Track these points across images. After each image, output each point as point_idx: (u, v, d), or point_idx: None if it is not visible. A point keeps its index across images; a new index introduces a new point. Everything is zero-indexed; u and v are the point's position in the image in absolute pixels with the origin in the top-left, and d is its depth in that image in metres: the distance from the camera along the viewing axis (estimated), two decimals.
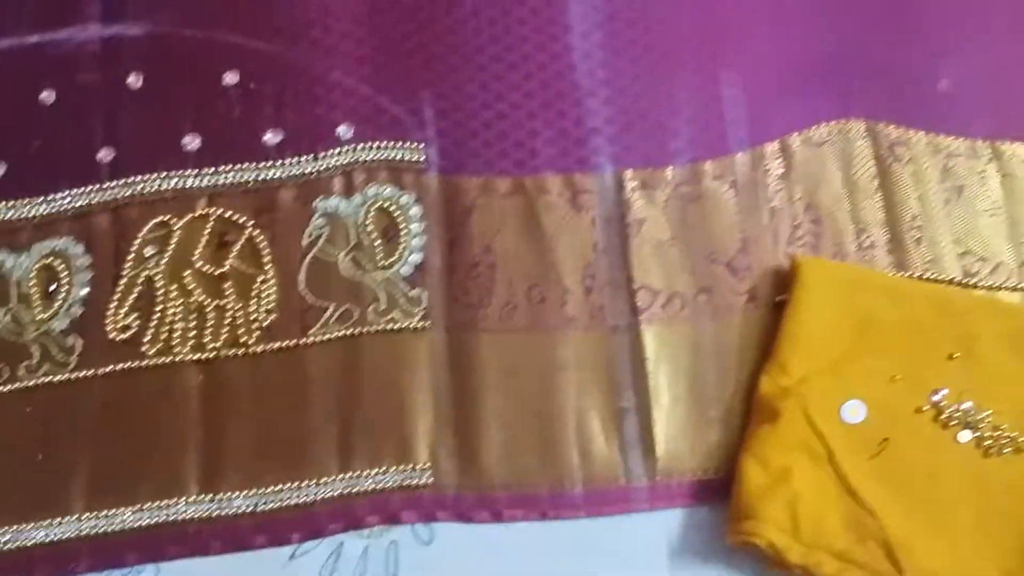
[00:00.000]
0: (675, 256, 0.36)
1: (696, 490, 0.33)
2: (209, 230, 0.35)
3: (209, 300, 0.34)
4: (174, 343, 0.33)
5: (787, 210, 0.36)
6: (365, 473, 0.32)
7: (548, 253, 0.35)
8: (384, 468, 0.32)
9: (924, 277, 0.36)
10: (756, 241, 0.36)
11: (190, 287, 0.34)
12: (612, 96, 0.37)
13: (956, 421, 0.33)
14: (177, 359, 0.33)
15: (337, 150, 0.36)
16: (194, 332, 0.33)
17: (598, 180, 0.36)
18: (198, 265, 0.34)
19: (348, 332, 0.34)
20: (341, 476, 0.32)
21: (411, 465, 0.32)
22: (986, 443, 0.33)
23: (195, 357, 0.33)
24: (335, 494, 0.31)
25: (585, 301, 0.35)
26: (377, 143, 0.36)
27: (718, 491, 0.32)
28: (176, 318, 0.34)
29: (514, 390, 0.33)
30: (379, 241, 0.35)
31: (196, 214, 0.35)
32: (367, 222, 0.35)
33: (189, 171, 0.35)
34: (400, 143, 0.36)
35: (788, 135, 0.37)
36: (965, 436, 0.33)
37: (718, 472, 0.33)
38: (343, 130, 0.36)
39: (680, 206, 0.36)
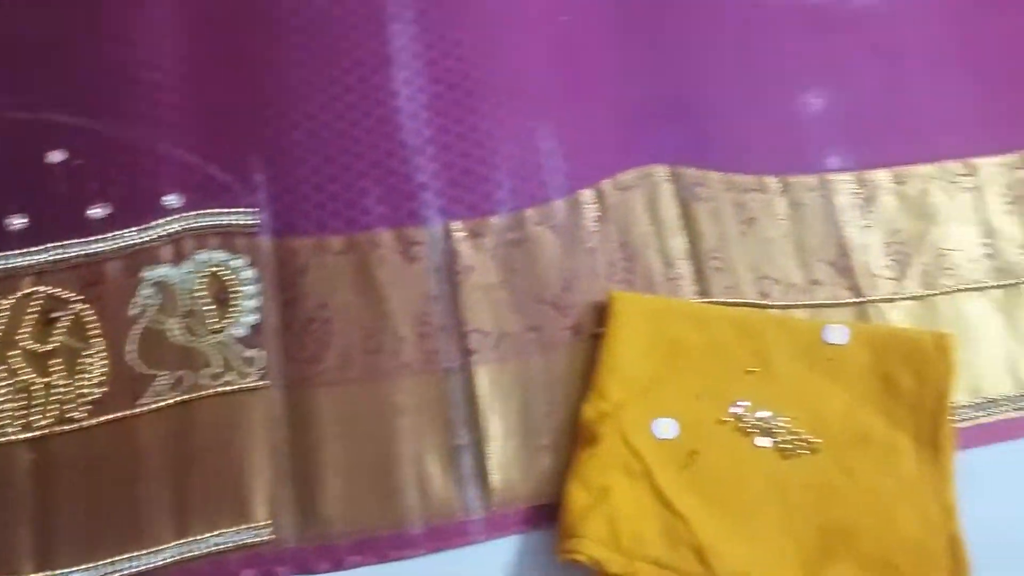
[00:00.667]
0: (504, 298, 0.38)
1: (530, 517, 0.35)
2: (35, 308, 0.35)
3: (36, 378, 0.34)
4: (3, 424, 0.33)
5: (603, 249, 0.40)
6: (202, 537, 0.33)
7: (382, 304, 0.37)
8: (222, 530, 0.33)
9: (725, 302, 0.40)
10: (577, 279, 0.39)
11: (16, 367, 0.34)
12: (438, 153, 0.40)
13: (755, 429, 0.37)
14: (5, 440, 0.33)
15: (165, 220, 0.37)
16: (23, 412, 0.34)
17: (428, 232, 0.39)
18: (24, 344, 0.34)
19: (181, 398, 0.35)
20: (177, 542, 0.33)
21: (250, 524, 0.33)
22: (783, 446, 0.37)
23: (25, 437, 0.33)
24: (171, 560, 0.32)
25: (419, 347, 0.37)
26: (207, 210, 0.37)
27: (551, 515, 0.35)
28: (3, 399, 0.34)
29: (352, 439, 0.35)
30: (211, 306, 0.36)
31: (22, 293, 0.35)
32: (198, 288, 0.36)
33: (14, 251, 0.36)
34: (230, 208, 0.38)
35: (600, 181, 0.41)
36: (764, 442, 0.37)
37: (551, 497, 0.35)
38: (172, 199, 0.37)
39: (506, 252, 0.39)
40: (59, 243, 0.36)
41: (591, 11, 0.43)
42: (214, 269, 0.37)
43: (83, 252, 0.36)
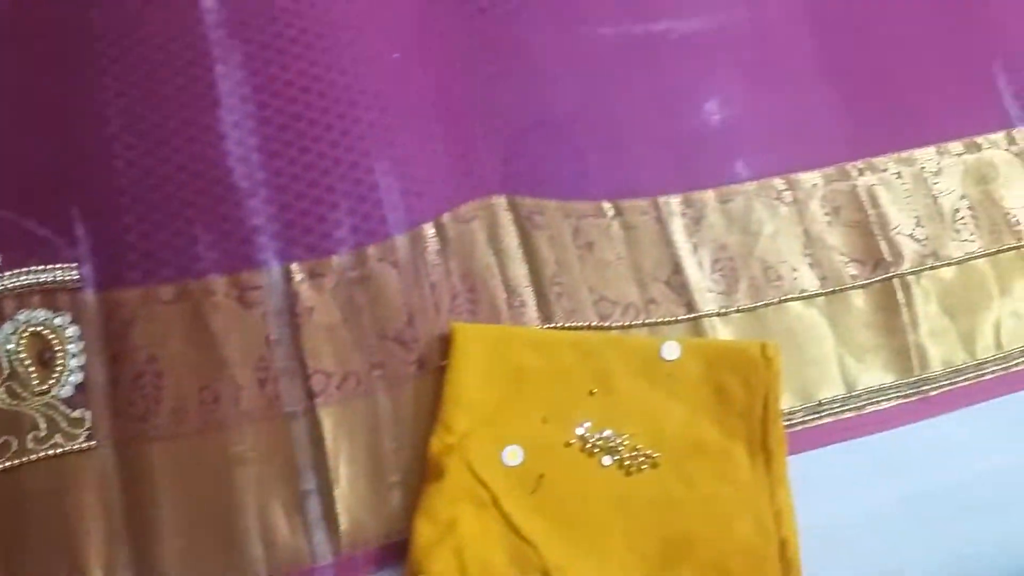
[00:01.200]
0: (347, 337, 0.38)
1: (381, 556, 0.36)
2: None
3: None
4: None
5: (446, 283, 0.41)
6: None
7: (218, 352, 0.37)
8: None
9: (567, 326, 0.41)
10: (421, 314, 0.40)
11: None
12: (273, 195, 0.40)
13: (598, 448, 0.38)
14: None
15: None
16: None
17: (265, 275, 0.39)
18: None
19: (7, 464, 0.33)
20: None
21: None
22: (626, 463, 0.38)
23: None
24: None
25: (260, 394, 0.37)
26: (26, 268, 0.36)
27: (403, 553, 0.35)
28: None
29: (191, 494, 0.35)
30: (34, 367, 0.35)
31: None
32: (20, 349, 0.35)
33: None
34: (51, 265, 0.36)
35: (441, 215, 0.41)
36: (607, 460, 0.38)
37: (402, 535, 0.36)
38: None
39: (348, 290, 0.39)
40: None
41: (427, 47, 0.44)
42: (36, 329, 0.36)
43: None
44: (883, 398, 0.43)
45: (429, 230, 0.41)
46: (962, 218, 0.46)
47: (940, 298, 0.45)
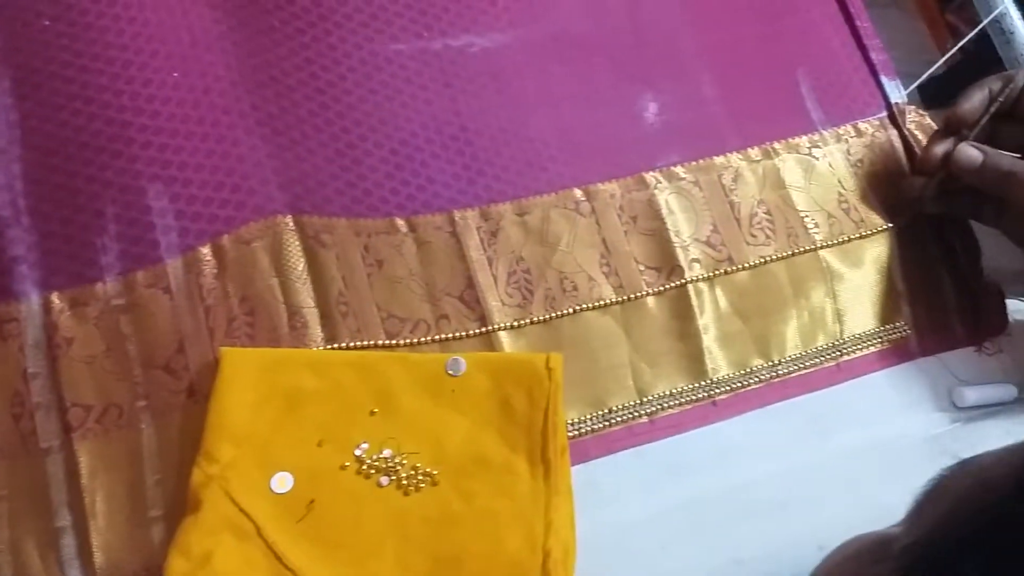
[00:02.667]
0: (109, 368, 0.38)
1: None
2: None
3: None
4: None
5: (222, 306, 0.40)
6: None
7: None
8: None
9: (352, 345, 0.41)
10: (193, 340, 0.39)
11: None
12: (35, 223, 0.39)
13: (375, 470, 0.38)
14: None
15: None
16: None
17: (24, 307, 0.38)
18: None
19: None
20: None
21: None
22: (404, 483, 0.38)
23: None
24: None
25: (15, 429, 0.36)
26: None
27: None
28: None
29: None
30: None
31: None
32: None
33: None
34: None
35: (220, 237, 0.41)
36: (385, 481, 0.38)
37: (161, 570, 0.35)
38: None
39: (113, 319, 0.39)
40: None
41: (210, 66, 0.44)
42: None
43: None
44: (675, 403, 0.44)
45: (206, 253, 0.41)
46: (759, 223, 0.48)
47: (734, 302, 0.46)
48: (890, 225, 0.49)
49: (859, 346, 0.47)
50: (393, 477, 0.38)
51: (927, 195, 0.48)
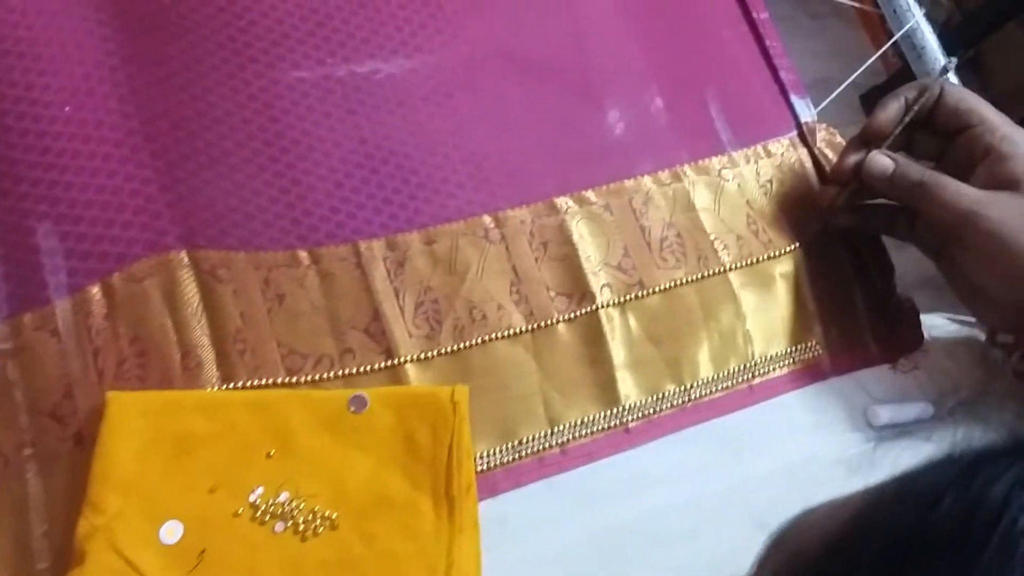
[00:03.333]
0: None
1: None
2: None
3: None
4: None
5: (112, 348, 0.39)
6: None
7: None
8: None
9: (250, 384, 0.40)
10: (81, 384, 0.38)
11: None
12: None
13: (271, 515, 0.37)
14: None
15: None
16: None
17: None
18: None
19: None
20: None
21: None
22: (301, 528, 0.37)
23: None
24: None
25: None
26: None
27: None
28: None
29: None
30: None
31: None
32: None
33: None
34: None
35: (110, 275, 0.40)
36: (280, 527, 0.37)
37: None
38: None
39: (0, 364, 0.37)
40: None
41: (102, 100, 0.43)
42: None
43: None
44: (587, 432, 0.44)
45: (95, 293, 0.40)
46: (669, 246, 0.48)
47: (645, 327, 0.46)
48: (797, 245, 0.49)
49: (771, 367, 0.47)
50: (289, 522, 0.37)
51: (838, 204, 0.49)
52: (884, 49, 0.59)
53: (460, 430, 0.40)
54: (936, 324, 0.53)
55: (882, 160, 0.45)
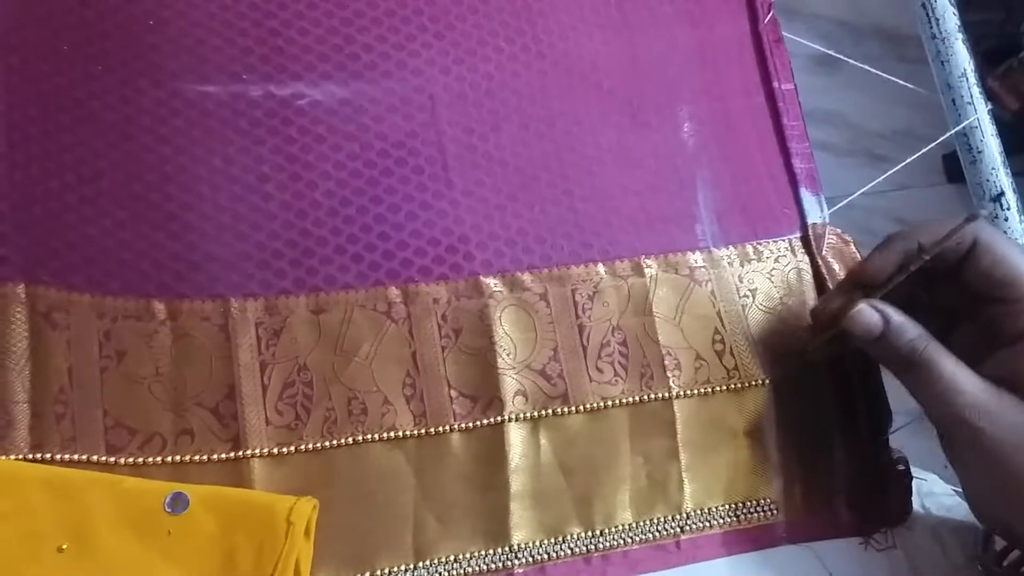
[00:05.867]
0: None
1: None
2: None
3: None
4: None
5: None
6: None
7: None
8: None
9: (60, 458, 0.35)
10: None
11: None
12: None
13: None
14: None
15: None
16: None
17: None
18: None
19: None
20: None
21: None
22: None
23: None
24: None
25: None
26: None
27: None
28: None
29: None
30: None
31: None
32: None
33: None
34: None
35: None
36: None
37: None
38: None
39: None
40: None
41: None
42: None
43: None
44: (461, 571, 0.37)
45: None
46: (609, 355, 0.40)
47: (559, 452, 0.39)
48: (766, 380, 0.41)
49: (707, 523, 0.39)
50: None
51: (812, 353, 0.40)
52: (935, 144, 0.50)
53: (287, 559, 0.33)
54: (934, 492, 0.44)
55: (870, 317, 0.37)
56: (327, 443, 0.37)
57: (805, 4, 1.60)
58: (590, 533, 0.38)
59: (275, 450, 0.37)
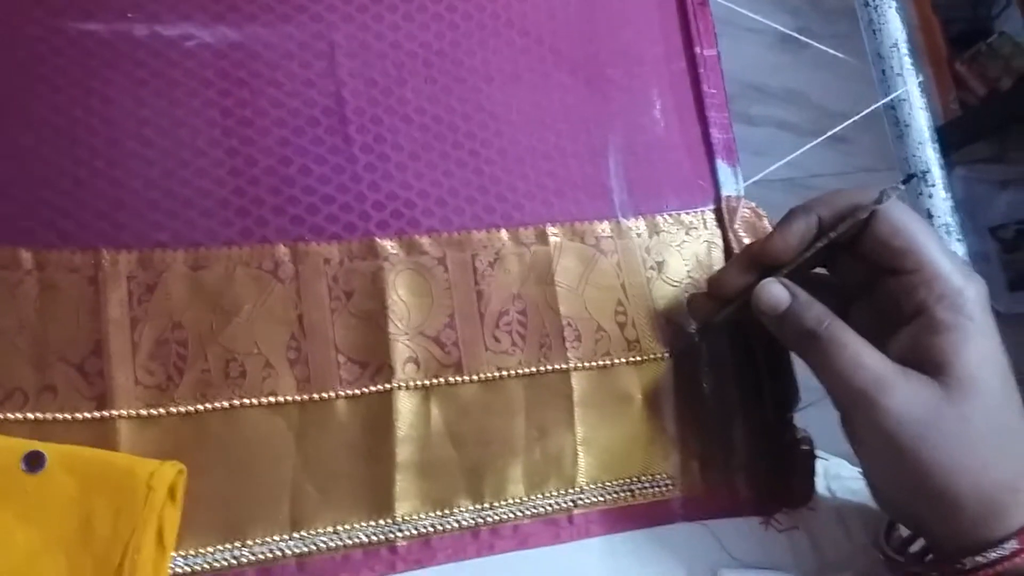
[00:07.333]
0: None
1: None
2: None
3: None
4: None
5: None
6: None
7: None
8: None
9: None
10: None
11: None
12: None
13: None
14: None
15: None
16: None
17: None
18: None
19: None
20: None
21: None
22: None
23: None
24: None
25: None
26: None
27: None
28: None
29: None
30: None
31: None
32: None
33: None
34: None
35: None
36: None
37: None
38: None
39: None
40: None
41: None
42: None
43: None
44: (337, 544, 0.36)
45: None
46: (508, 324, 0.40)
47: (450, 422, 0.38)
48: (667, 354, 0.41)
49: (600, 497, 0.39)
50: None
51: (713, 326, 0.40)
52: (863, 115, 0.50)
53: (146, 526, 0.32)
54: (840, 475, 0.44)
55: (775, 292, 0.36)
56: (200, 406, 0.36)
57: None
58: (479, 506, 0.38)
59: (143, 411, 0.35)
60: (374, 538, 0.37)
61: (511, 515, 0.38)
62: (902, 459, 0.34)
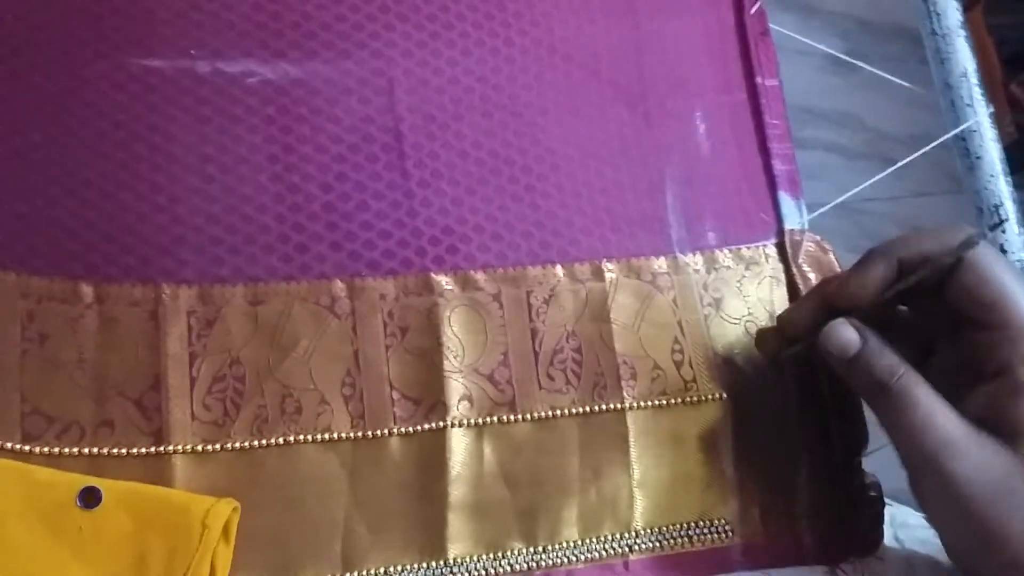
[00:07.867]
0: None
1: None
2: None
3: None
4: None
5: None
6: None
7: None
8: None
9: None
10: None
11: None
12: None
13: None
14: None
15: None
16: None
17: None
18: None
19: None
20: None
21: None
22: None
23: None
24: None
25: None
26: None
27: None
28: None
29: None
30: None
31: None
32: None
33: None
34: None
35: None
36: None
37: None
38: None
39: None
40: None
41: None
42: None
43: None
44: None
45: None
46: (562, 361, 0.39)
47: (504, 462, 0.38)
48: (724, 394, 0.40)
49: (657, 543, 0.38)
50: None
51: (780, 363, 0.39)
52: (931, 147, 0.48)
53: (199, 564, 0.32)
54: (908, 523, 0.43)
55: (845, 335, 0.34)
56: (256, 442, 0.36)
57: (823, 1, 1.57)
58: (532, 549, 0.37)
59: (200, 447, 0.35)
60: None
61: (565, 559, 0.37)
62: (972, 526, 0.32)
